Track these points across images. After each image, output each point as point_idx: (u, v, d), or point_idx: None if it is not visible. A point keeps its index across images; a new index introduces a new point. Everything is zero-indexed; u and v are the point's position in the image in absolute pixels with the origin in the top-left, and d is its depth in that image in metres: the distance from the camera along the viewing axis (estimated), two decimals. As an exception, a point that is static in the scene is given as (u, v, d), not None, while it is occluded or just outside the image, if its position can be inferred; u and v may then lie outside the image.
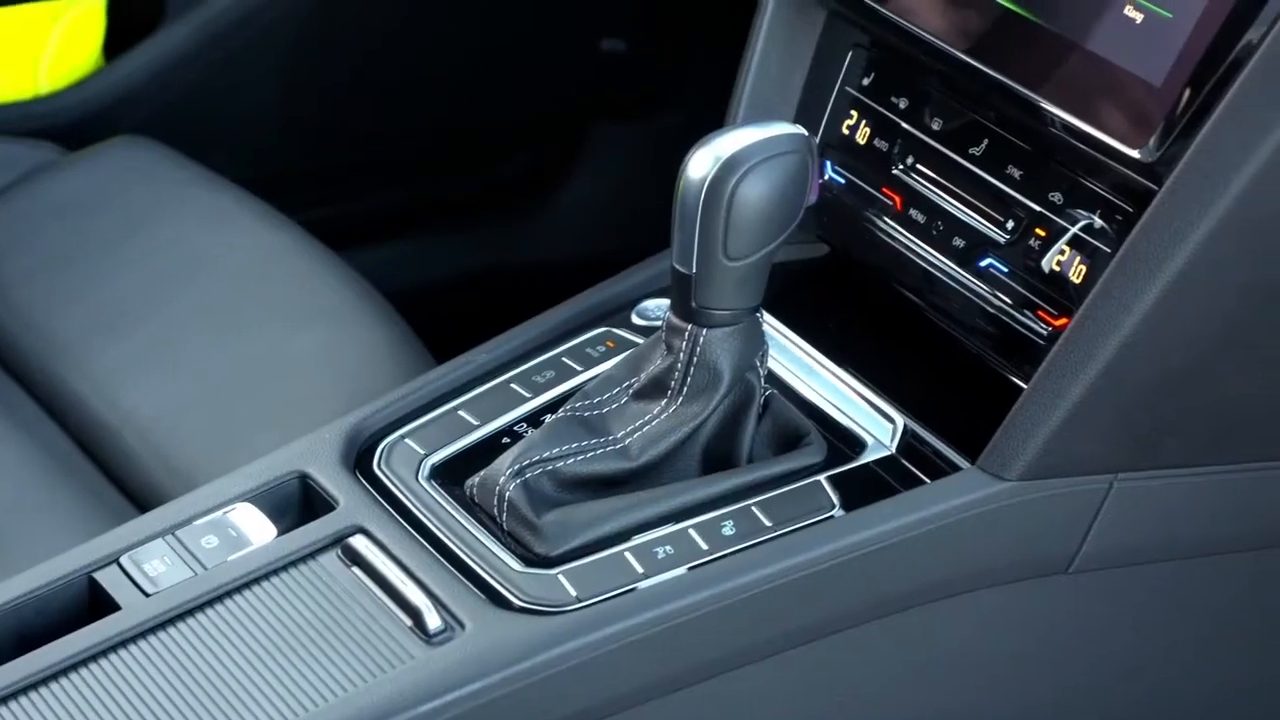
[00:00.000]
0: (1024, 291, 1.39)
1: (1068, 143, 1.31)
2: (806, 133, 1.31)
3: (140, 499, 1.60)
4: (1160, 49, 1.25)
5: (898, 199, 1.49)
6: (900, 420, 1.39)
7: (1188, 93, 1.23)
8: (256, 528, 1.31)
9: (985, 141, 1.43)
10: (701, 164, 1.27)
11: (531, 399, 1.42)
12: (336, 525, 1.30)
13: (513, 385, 1.43)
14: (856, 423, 1.40)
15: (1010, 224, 1.40)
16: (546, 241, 2.43)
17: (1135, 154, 1.26)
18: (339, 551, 1.29)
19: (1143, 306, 1.25)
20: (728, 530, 1.29)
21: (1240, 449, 1.37)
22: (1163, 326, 1.26)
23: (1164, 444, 1.34)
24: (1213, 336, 1.29)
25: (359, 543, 1.29)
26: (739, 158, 1.27)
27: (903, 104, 1.49)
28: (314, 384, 1.64)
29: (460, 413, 1.40)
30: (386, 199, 2.33)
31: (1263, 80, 1.21)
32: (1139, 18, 1.26)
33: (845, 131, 1.53)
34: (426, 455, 1.37)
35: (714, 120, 1.57)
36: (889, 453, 1.37)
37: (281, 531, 1.31)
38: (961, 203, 1.44)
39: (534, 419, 1.39)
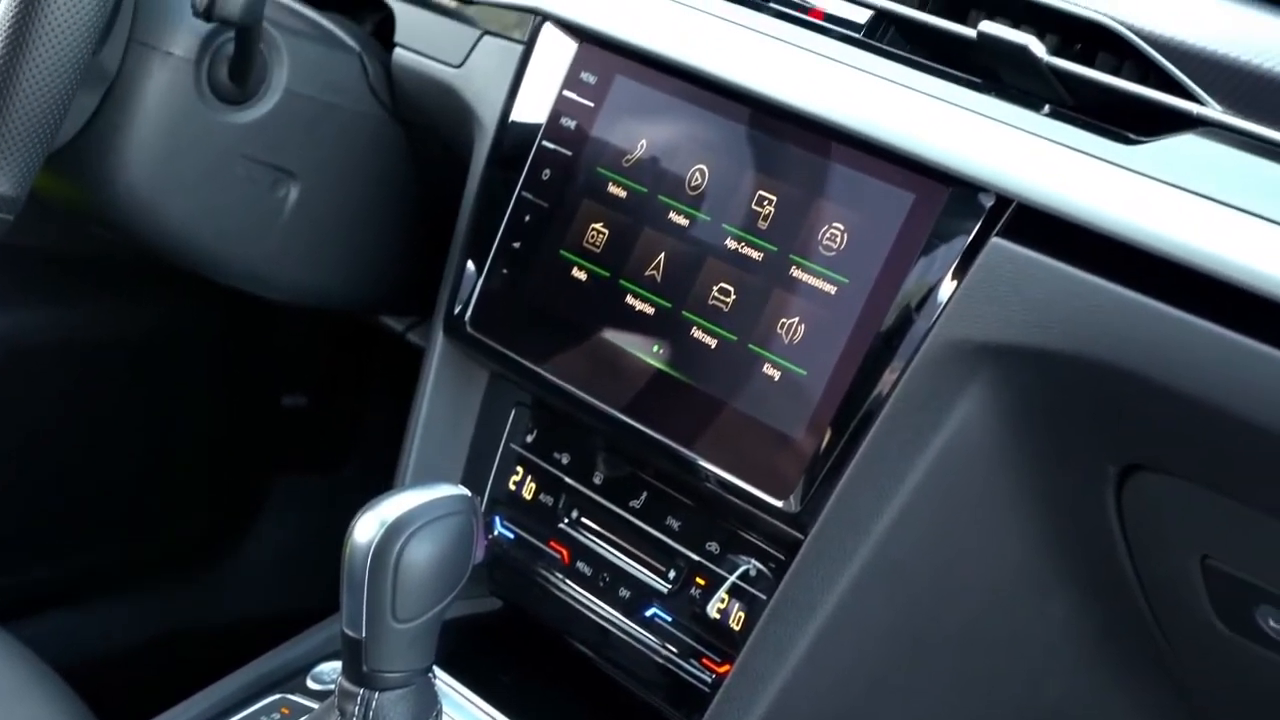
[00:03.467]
0: (688, 640, 1.42)
1: (721, 495, 1.36)
2: (470, 493, 1.34)
3: None
4: (798, 404, 1.31)
5: (565, 552, 1.52)
6: (576, 772, 1.41)
7: (825, 445, 1.29)
8: None
9: (645, 494, 1.48)
10: (367, 529, 1.29)
11: (205, 773, 1.40)
12: None
13: (185, 759, 1.41)
14: (533, 777, 1.42)
15: (672, 574, 1.44)
16: (227, 602, 2.40)
17: (781, 505, 1.31)
18: None
19: (796, 653, 1.29)
20: None
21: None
22: (816, 672, 1.30)
23: (827, 785, 1.37)
24: (862, 681, 1.33)
25: None
26: (404, 521, 1.29)
27: (565, 459, 1.54)
28: (-20, 769, 1.59)
29: (129, 791, 1.38)
30: (60, 567, 2.28)
31: (893, 430, 1.27)
32: (777, 375, 1.33)
33: (512, 488, 1.57)
34: (92, 838, 1.34)
35: (394, 472, 1.61)
36: (565, 805, 1.39)
37: None
38: (626, 554, 1.48)
39: (206, 794, 1.38)
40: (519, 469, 1.57)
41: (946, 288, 1.24)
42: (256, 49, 1.61)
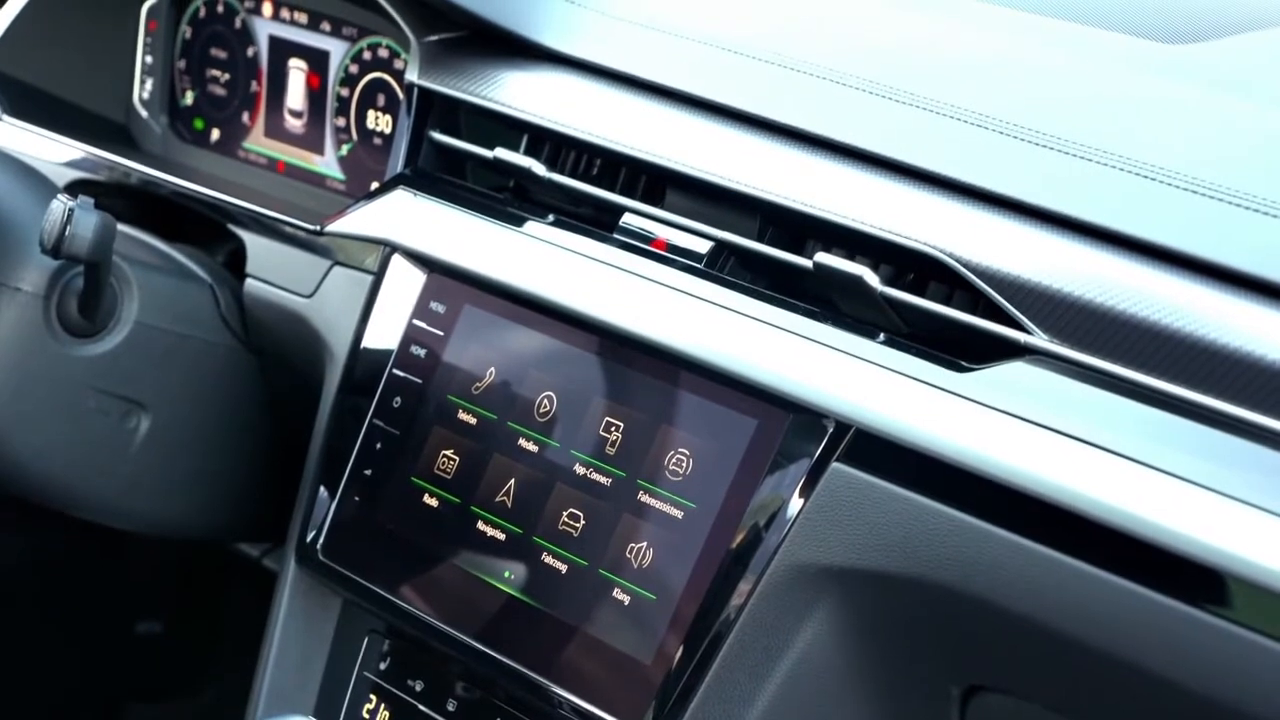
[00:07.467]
0: None
1: (574, 720, 1.37)
2: (320, 725, 1.34)
3: None
4: (648, 629, 1.32)
5: (419, 780, 1.52)
6: None
7: (675, 669, 1.30)
8: None
9: (499, 721, 1.48)
10: (217, 764, 1.28)
11: None
12: None
13: None
14: None
15: (526, 801, 1.44)
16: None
17: (612, 731, 1.32)
18: None
19: None
20: None
21: None
22: None
23: None
24: None
25: None
26: (254, 757, 1.29)
27: (419, 686, 1.53)
28: None
29: None
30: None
31: (741, 653, 1.29)
32: (627, 600, 1.34)
33: (366, 716, 1.56)
34: None
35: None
36: None
37: None
38: (480, 782, 1.48)
39: None
40: (372, 697, 1.56)
41: (791, 512, 1.27)
42: (106, 283, 1.61)
